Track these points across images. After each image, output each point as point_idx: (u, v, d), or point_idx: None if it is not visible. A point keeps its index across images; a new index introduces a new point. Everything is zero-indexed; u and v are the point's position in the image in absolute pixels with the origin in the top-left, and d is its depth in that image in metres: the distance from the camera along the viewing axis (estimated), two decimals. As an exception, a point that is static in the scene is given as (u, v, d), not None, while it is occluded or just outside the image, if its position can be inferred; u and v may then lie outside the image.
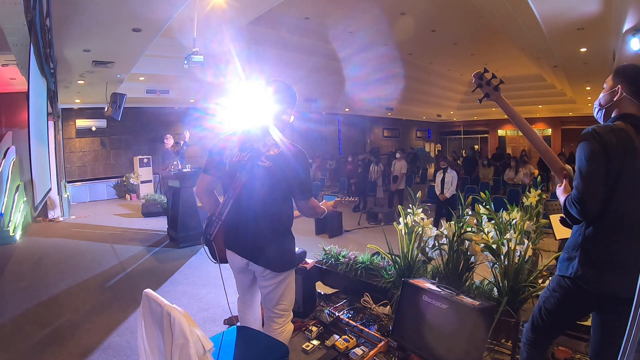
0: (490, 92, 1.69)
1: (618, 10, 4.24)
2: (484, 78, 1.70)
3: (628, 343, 1.36)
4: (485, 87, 1.70)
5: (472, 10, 7.15)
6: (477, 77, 1.72)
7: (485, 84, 1.70)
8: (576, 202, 1.36)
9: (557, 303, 1.48)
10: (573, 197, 1.38)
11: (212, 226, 1.80)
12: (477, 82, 1.72)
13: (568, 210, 1.41)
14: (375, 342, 2.43)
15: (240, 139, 1.79)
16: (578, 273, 1.40)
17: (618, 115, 1.46)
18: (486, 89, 1.70)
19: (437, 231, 2.74)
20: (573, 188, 1.40)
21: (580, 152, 1.39)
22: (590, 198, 1.34)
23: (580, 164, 1.38)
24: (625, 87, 1.46)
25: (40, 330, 2.92)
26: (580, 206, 1.35)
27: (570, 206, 1.39)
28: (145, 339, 1.41)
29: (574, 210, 1.37)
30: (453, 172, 6.71)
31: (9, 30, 3.35)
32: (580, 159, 1.38)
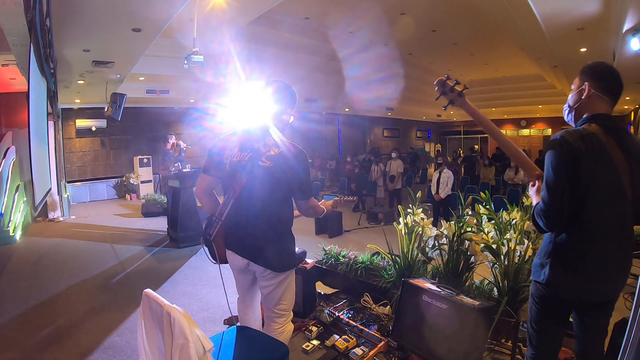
0: (455, 98, 1.63)
1: (618, 10, 4.24)
2: (446, 85, 1.64)
3: (628, 343, 1.36)
4: (449, 94, 1.64)
5: (472, 10, 7.16)
6: (440, 85, 1.65)
7: (448, 90, 1.64)
8: (542, 215, 1.34)
9: (538, 309, 1.47)
10: (539, 210, 1.35)
11: (212, 226, 1.80)
12: (440, 90, 1.65)
13: (535, 221, 1.39)
14: (375, 342, 2.43)
15: (241, 139, 1.79)
16: (550, 279, 1.38)
17: (589, 116, 1.41)
18: (450, 95, 1.64)
19: (437, 231, 2.74)
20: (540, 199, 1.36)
21: (547, 161, 1.34)
22: (556, 211, 1.31)
23: (547, 174, 1.33)
24: (592, 83, 1.41)
25: (40, 330, 2.92)
26: (546, 219, 1.33)
27: (538, 217, 1.36)
28: (145, 339, 1.41)
29: (541, 222, 1.35)
30: (449, 172, 6.70)
31: (9, 30, 3.36)
32: (548, 170, 1.33)
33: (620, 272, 1.39)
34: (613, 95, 1.42)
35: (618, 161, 1.32)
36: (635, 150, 1.35)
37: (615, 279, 1.38)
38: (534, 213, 1.40)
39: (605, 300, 1.42)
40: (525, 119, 18.40)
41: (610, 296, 1.44)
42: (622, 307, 2.94)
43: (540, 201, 1.36)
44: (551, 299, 1.42)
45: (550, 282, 1.38)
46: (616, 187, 1.32)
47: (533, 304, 1.48)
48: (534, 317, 1.49)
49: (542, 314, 1.46)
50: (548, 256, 1.40)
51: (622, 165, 1.32)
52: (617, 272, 1.37)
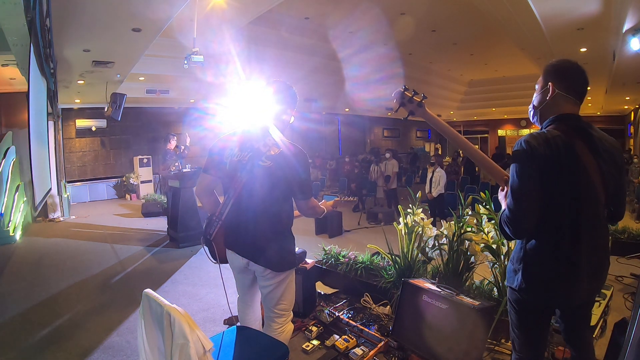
0: (414, 109, 1.60)
1: (618, 10, 4.24)
2: (405, 96, 1.60)
3: (628, 343, 1.37)
4: (408, 105, 1.60)
5: (472, 10, 7.16)
6: (398, 97, 1.61)
7: (407, 102, 1.60)
8: (509, 223, 1.31)
9: (516, 314, 1.44)
10: (505, 217, 1.32)
11: (212, 226, 1.80)
12: (399, 102, 1.61)
13: (502, 228, 1.35)
14: (375, 342, 2.43)
15: (241, 139, 1.79)
16: (522, 286, 1.35)
17: (555, 117, 1.37)
18: (409, 106, 1.61)
19: (437, 231, 2.74)
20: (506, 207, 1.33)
21: (513, 168, 1.30)
22: (522, 220, 1.28)
23: (512, 182, 1.30)
24: (556, 83, 1.37)
25: (40, 330, 2.92)
26: (513, 227, 1.30)
27: (505, 225, 1.33)
28: (145, 339, 1.41)
29: (508, 230, 1.32)
30: (441, 171, 6.70)
31: (9, 30, 3.35)
32: (513, 177, 1.30)
33: (597, 274, 1.35)
34: (578, 94, 1.38)
35: (587, 162, 1.28)
36: (603, 148, 1.32)
37: (591, 282, 1.33)
38: (500, 221, 1.37)
39: (582, 302, 1.39)
40: (525, 119, 18.37)
41: (587, 299, 1.41)
42: (622, 307, 2.94)
43: (506, 209, 1.32)
44: (527, 304, 1.39)
45: (523, 289, 1.35)
46: (587, 189, 1.28)
47: (511, 309, 1.46)
48: (514, 322, 1.46)
49: (520, 318, 1.43)
50: (520, 262, 1.37)
51: (591, 166, 1.29)
52: (592, 275, 1.32)
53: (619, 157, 1.36)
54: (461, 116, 19.86)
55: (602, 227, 1.36)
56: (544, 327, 1.46)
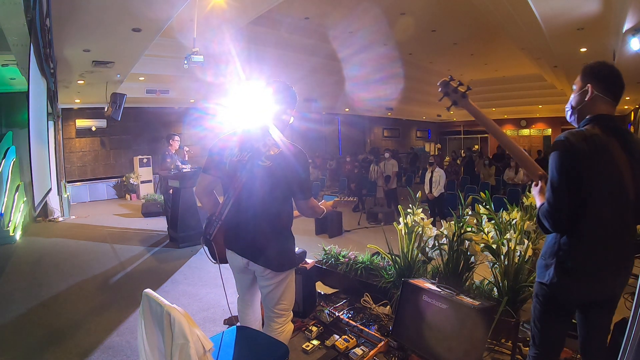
0: (458, 99, 1.63)
1: (618, 10, 4.24)
2: (449, 86, 1.64)
3: (628, 343, 1.36)
4: (452, 94, 1.64)
5: (472, 10, 7.16)
6: (443, 86, 1.66)
7: (451, 91, 1.64)
8: (548, 217, 1.35)
9: (541, 309, 1.48)
10: (545, 211, 1.36)
11: (212, 226, 1.80)
12: (444, 91, 1.66)
13: (541, 222, 1.40)
14: (375, 342, 2.43)
15: (241, 139, 1.79)
16: (554, 281, 1.39)
17: (592, 117, 1.42)
18: (453, 96, 1.64)
19: (437, 231, 2.74)
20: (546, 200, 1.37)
21: (552, 162, 1.36)
22: (562, 212, 1.32)
23: (552, 176, 1.35)
24: (595, 85, 1.42)
25: (40, 330, 2.92)
26: (552, 220, 1.35)
27: (544, 218, 1.37)
28: (145, 339, 1.41)
29: (547, 223, 1.37)
30: (441, 170, 6.70)
31: (9, 30, 3.35)
32: (552, 171, 1.35)
33: (622, 271, 1.41)
34: (615, 96, 1.43)
35: (620, 161, 1.34)
36: (637, 150, 1.37)
37: (617, 278, 1.40)
38: (539, 214, 1.41)
39: (607, 298, 1.45)
40: (525, 119, 18.41)
41: (612, 295, 1.46)
42: (622, 307, 2.94)
43: (545, 202, 1.37)
44: (555, 299, 1.44)
45: (554, 283, 1.40)
46: (618, 187, 1.34)
47: (537, 304, 1.50)
48: (538, 317, 1.50)
49: (545, 313, 1.47)
50: (553, 257, 1.41)
51: (624, 166, 1.34)
52: (619, 271, 1.39)
53: None
54: (461, 116, 19.85)
55: (630, 226, 1.42)
56: (566, 324, 1.50)
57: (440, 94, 1.69)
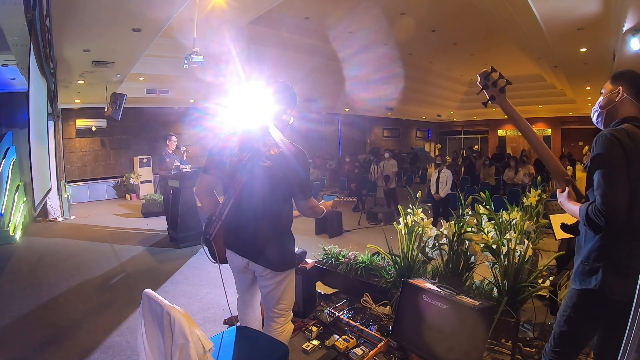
0: (496, 94, 1.58)
1: (618, 10, 4.24)
2: (490, 78, 1.57)
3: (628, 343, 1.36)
4: (491, 88, 1.58)
5: (472, 10, 7.15)
6: (483, 77, 1.58)
7: (491, 85, 1.57)
8: (603, 213, 1.29)
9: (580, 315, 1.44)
10: (600, 208, 1.30)
11: (212, 226, 1.80)
12: (483, 83, 1.59)
13: (593, 221, 1.33)
14: (375, 342, 2.43)
15: (241, 138, 1.79)
16: (605, 284, 1.35)
17: (623, 118, 1.44)
18: (492, 90, 1.58)
19: (437, 231, 2.74)
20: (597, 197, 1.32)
21: (600, 157, 1.34)
22: (619, 207, 1.29)
23: (602, 171, 1.32)
24: (626, 88, 1.46)
25: (40, 330, 2.92)
26: (608, 216, 1.28)
27: (597, 217, 1.30)
28: (145, 339, 1.41)
29: (602, 220, 1.30)
30: (448, 171, 6.69)
31: (9, 30, 3.35)
32: (605, 166, 1.33)
33: None
34: None
35: None
36: None
37: None
38: (589, 214, 1.33)
39: None
40: (525, 119, 18.31)
41: None
42: (622, 307, 2.94)
43: (599, 198, 1.31)
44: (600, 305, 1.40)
45: (604, 288, 1.36)
46: None
47: (573, 310, 1.46)
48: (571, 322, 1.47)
49: (583, 320, 1.44)
50: (599, 260, 1.38)
51: None
52: None
53: None
54: (461, 116, 19.86)
55: None
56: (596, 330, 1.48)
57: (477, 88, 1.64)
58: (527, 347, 2.30)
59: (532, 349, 2.28)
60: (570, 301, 1.48)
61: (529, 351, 2.27)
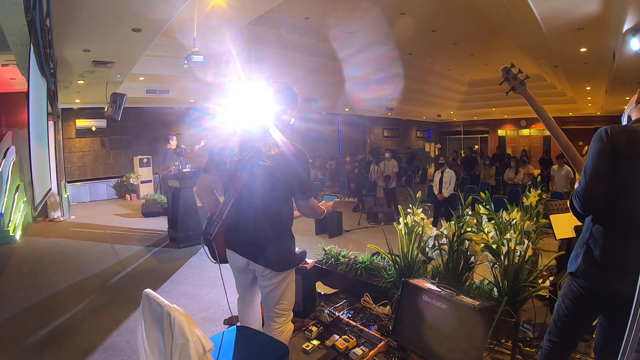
0: (517, 85, 1.77)
1: (618, 10, 4.24)
2: (510, 72, 1.78)
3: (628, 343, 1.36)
4: (512, 80, 1.77)
5: (472, 10, 7.15)
6: (505, 72, 1.80)
7: (512, 77, 1.77)
8: (578, 196, 1.41)
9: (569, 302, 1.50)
10: (576, 191, 1.43)
11: (212, 226, 1.80)
12: (504, 76, 1.79)
13: (572, 203, 1.45)
14: (375, 342, 2.43)
15: (241, 138, 1.79)
16: (580, 269, 1.43)
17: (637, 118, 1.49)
18: (512, 82, 1.77)
19: (437, 231, 2.74)
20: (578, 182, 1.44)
21: (590, 149, 1.42)
22: (590, 193, 1.38)
23: (587, 161, 1.42)
24: None
25: (40, 330, 2.92)
26: (581, 199, 1.40)
27: (575, 198, 1.44)
28: (145, 339, 1.41)
29: (576, 202, 1.43)
30: (451, 171, 6.68)
31: (9, 30, 3.36)
32: (588, 157, 1.42)
33: None
34: None
35: None
36: None
37: None
38: (571, 196, 1.47)
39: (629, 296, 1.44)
40: (525, 119, 18.39)
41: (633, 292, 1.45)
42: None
43: (578, 183, 1.44)
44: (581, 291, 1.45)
45: (580, 272, 1.43)
46: None
47: (565, 299, 1.52)
48: (562, 313, 1.52)
49: (572, 307, 1.49)
50: (582, 245, 1.45)
51: None
52: None
53: None
54: (461, 116, 19.85)
55: None
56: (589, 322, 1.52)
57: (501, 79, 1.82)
58: (527, 347, 2.30)
59: (532, 349, 2.28)
60: (564, 288, 1.54)
61: (529, 351, 2.27)
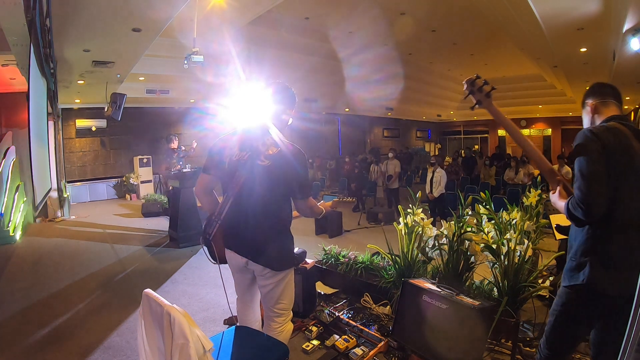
0: (482, 99, 1.63)
1: (618, 10, 4.24)
2: (475, 84, 1.63)
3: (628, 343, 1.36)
4: (477, 93, 1.63)
5: (472, 10, 7.16)
6: (469, 84, 1.65)
7: (477, 90, 1.63)
8: (581, 204, 1.32)
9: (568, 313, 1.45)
10: (577, 199, 1.33)
11: (212, 225, 1.80)
12: (469, 89, 1.64)
13: (572, 214, 1.36)
14: (375, 342, 2.43)
15: (240, 138, 1.79)
16: (592, 279, 1.36)
17: (606, 119, 1.47)
18: (478, 95, 1.63)
19: (437, 231, 2.74)
20: (575, 190, 1.36)
21: (578, 150, 1.38)
22: (595, 198, 1.30)
23: (580, 165, 1.35)
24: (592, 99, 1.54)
25: (40, 330, 2.92)
26: (585, 207, 1.31)
27: (575, 209, 1.34)
28: (145, 339, 1.41)
29: (579, 212, 1.32)
30: (442, 171, 6.70)
31: (9, 30, 3.36)
32: (580, 161, 1.35)
33: None
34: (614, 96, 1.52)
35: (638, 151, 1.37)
36: None
37: None
38: (569, 207, 1.37)
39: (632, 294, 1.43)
40: (525, 119, 18.40)
41: None
42: (622, 307, 2.94)
43: (577, 191, 1.35)
44: (588, 300, 1.40)
45: (592, 282, 1.36)
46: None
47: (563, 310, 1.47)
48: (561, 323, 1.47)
49: (575, 318, 1.44)
50: (587, 254, 1.39)
51: None
52: None
53: None
54: (461, 116, 19.86)
55: None
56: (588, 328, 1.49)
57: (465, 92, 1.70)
58: (527, 347, 2.30)
59: (532, 349, 2.28)
60: (560, 299, 1.49)
61: (529, 351, 2.27)
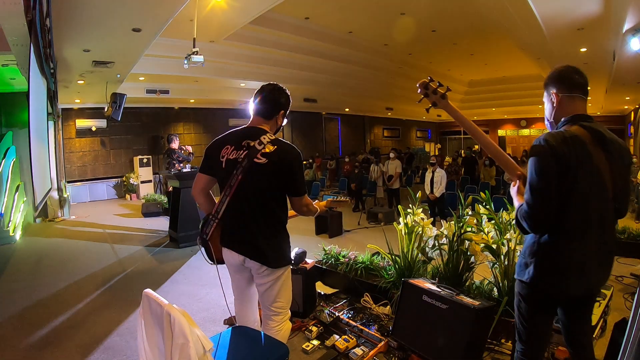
0: (438, 100, 1.65)
1: (618, 10, 4.24)
2: (429, 87, 1.66)
3: (628, 343, 1.37)
4: (431, 96, 1.65)
5: (472, 10, 7.16)
6: (423, 87, 1.67)
7: (431, 92, 1.65)
8: (527, 218, 1.35)
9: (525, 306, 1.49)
10: (524, 212, 1.36)
11: (209, 225, 1.81)
12: (423, 92, 1.67)
13: (520, 223, 1.39)
14: (375, 342, 2.43)
15: (237, 137, 1.80)
16: (534, 280, 1.40)
17: (568, 118, 1.43)
18: (433, 97, 1.65)
19: (437, 231, 2.74)
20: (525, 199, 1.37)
21: (531, 165, 1.36)
22: (540, 215, 1.33)
23: (531, 178, 1.35)
24: (557, 89, 1.46)
25: (40, 330, 2.92)
26: (530, 222, 1.35)
27: (522, 219, 1.37)
28: (145, 339, 1.41)
29: (526, 224, 1.36)
30: (442, 171, 6.71)
31: (9, 30, 3.35)
32: (532, 174, 1.35)
33: (603, 268, 1.43)
34: (582, 90, 1.46)
35: (599, 160, 1.36)
36: (614, 148, 1.39)
37: (598, 275, 1.42)
38: (517, 215, 1.41)
39: (588, 294, 1.46)
40: (525, 119, 18.42)
41: (592, 291, 1.48)
42: (622, 307, 2.94)
43: (524, 204, 1.37)
44: (536, 296, 1.45)
45: (534, 282, 1.41)
46: (598, 186, 1.35)
47: (520, 301, 1.51)
48: (522, 314, 1.51)
49: (529, 310, 1.48)
50: (532, 256, 1.42)
51: (603, 164, 1.36)
52: (599, 268, 1.40)
53: (627, 157, 1.45)
54: (461, 116, 19.82)
55: (609, 223, 1.42)
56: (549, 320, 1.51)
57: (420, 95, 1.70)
58: (527, 347, 2.29)
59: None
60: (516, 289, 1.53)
61: (528, 351, 2.27)
